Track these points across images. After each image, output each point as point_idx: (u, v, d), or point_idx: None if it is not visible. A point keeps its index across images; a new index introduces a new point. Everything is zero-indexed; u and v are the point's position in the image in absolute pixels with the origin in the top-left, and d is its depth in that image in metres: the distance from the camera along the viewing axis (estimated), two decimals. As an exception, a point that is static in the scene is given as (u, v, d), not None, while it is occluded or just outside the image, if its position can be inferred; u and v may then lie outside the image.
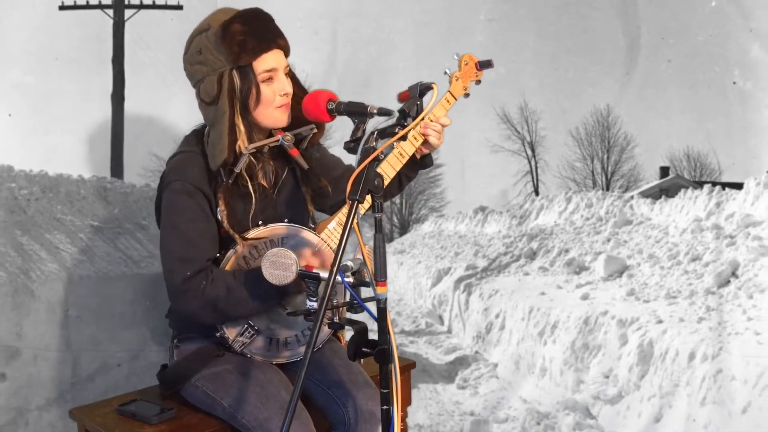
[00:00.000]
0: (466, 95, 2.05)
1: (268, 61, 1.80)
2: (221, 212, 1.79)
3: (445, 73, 2.02)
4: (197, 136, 1.87)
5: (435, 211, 3.86)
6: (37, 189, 2.88)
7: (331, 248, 1.84)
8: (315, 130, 1.89)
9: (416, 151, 1.97)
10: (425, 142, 1.95)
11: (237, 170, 1.79)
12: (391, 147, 1.84)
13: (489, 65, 2.03)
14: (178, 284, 1.73)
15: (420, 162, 2.04)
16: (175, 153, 1.87)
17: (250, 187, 1.82)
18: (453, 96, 2.01)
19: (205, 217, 1.79)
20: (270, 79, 1.81)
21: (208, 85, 1.78)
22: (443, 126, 1.94)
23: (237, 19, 1.77)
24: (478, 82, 2.06)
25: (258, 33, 1.78)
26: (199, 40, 1.79)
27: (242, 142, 1.80)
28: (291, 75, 1.90)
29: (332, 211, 2.03)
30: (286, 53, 1.86)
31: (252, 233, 1.80)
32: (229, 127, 1.77)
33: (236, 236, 1.79)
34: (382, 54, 3.37)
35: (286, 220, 1.87)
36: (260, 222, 1.84)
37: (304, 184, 1.98)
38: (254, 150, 1.82)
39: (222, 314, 1.77)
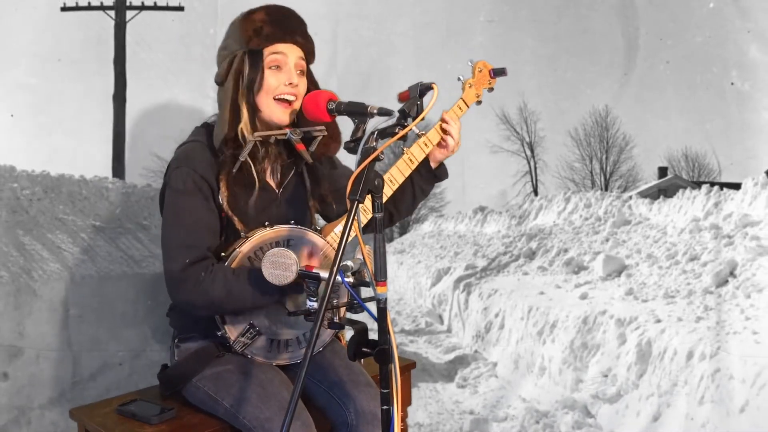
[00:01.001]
0: (479, 102, 2.05)
1: (278, 49, 1.82)
2: (222, 195, 1.80)
3: (459, 79, 2.03)
4: (207, 129, 1.89)
5: (435, 211, 3.87)
6: (39, 189, 2.89)
7: None
8: (325, 132, 1.90)
9: (430, 157, 1.99)
10: (441, 142, 1.97)
11: (242, 158, 1.81)
12: (399, 148, 1.86)
13: (503, 73, 2.04)
14: (177, 271, 1.73)
15: (434, 173, 2.05)
16: (183, 142, 1.89)
17: (254, 172, 1.83)
18: (465, 103, 2.02)
19: (207, 206, 1.80)
20: (277, 67, 1.83)
21: (222, 66, 1.85)
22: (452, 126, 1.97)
23: (261, 9, 1.84)
24: (491, 89, 2.07)
25: (276, 23, 1.82)
26: (229, 29, 1.87)
27: (245, 126, 1.81)
28: (309, 78, 1.91)
29: (334, 219, 2.04)
30: (306, 53, 1.88)
31: (257, 233, 1.81)
32: (231, 105, 1.81)
33: (235, 219, 1.80)
34: (382, 55, 3.38)
35: (292, 222, 1.88)
36: (266, 222, 1.85)
37: (312, 197, 1.99)
38: (260, 138, 1.83)
39: (218, 308, 1.77)
